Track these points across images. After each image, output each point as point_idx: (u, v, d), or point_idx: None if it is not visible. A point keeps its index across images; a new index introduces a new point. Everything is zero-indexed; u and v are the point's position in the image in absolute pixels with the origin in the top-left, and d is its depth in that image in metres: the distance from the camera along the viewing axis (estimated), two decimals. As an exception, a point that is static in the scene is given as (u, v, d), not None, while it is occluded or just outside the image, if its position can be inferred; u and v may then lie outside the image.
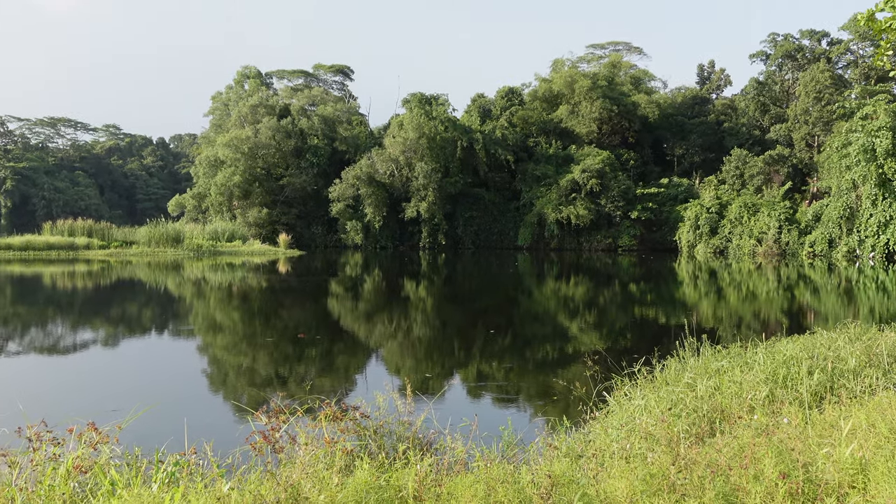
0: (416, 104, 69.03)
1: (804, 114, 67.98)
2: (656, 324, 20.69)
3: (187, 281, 33.70)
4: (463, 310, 24.76)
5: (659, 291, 31.83)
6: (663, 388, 8.13)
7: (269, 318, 22.14)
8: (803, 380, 7.54)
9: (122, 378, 13.44)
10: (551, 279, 37.70)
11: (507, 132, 70.98)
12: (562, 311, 24.31)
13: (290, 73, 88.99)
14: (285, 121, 70.80)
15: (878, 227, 49.75)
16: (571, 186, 65.29)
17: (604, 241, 66.21)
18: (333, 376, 13.59)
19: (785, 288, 32.54)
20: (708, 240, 59.90)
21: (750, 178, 64.96)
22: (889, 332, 10.90)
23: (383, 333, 19.20)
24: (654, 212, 65.56)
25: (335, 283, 34.04)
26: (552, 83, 76.18)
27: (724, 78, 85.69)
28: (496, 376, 13.45)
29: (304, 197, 69.51)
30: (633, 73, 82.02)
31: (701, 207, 61.19)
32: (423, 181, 64.19)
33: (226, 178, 65.86)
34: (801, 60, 74.02)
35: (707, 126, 74.75)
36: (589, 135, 72.66)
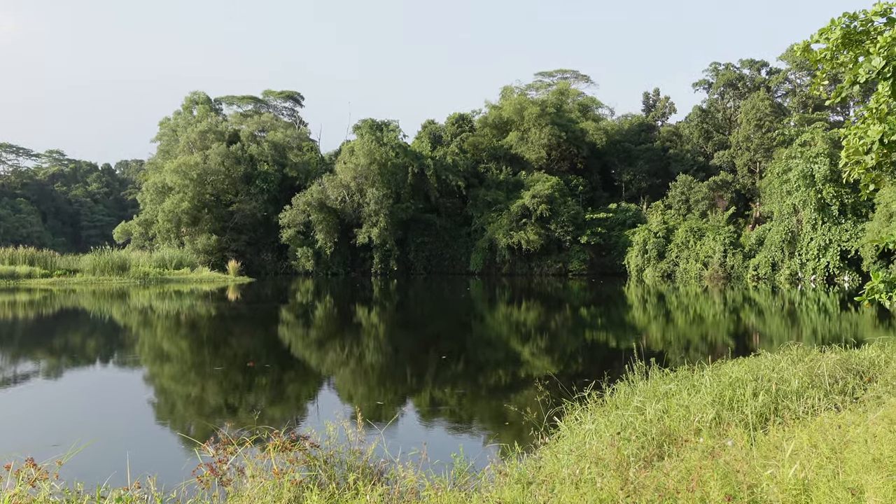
0: (367, 130, 69.13)
1: (746, 141, 69.87)
2: (606, 347, 20.90)
3: (133, 310, 32.98)
4: (415, 336, 24.69)
5: (609, 315, 32.18)
6: (613, 412, 8.21)
7: (217, 346, 21.76)
8: (748, 402, 7.68)
9: (64, 411, 13.04)
10: (503, 304, 37.85)
11: (457, 158, 71.49)
12: (514, 335, 24.40)
13: (240, 99, 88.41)
14: (235, 147, 70.17)
15: (818, 250, 51.22)
16: (522, 212, 65.89)
17: (554, 266, 66.82)
18: (284, 405, 13.40)
19: (731, 311, 33.20)
20: (656, 264, 60.87)
21: (695, 203, 66.38)
22: (830, 354, 11.18)
23: (335, 361, 19.02)
24: (603, 236, 66.45)
25: (286, 310, 33.65)
26: (502, 110, 77.06)
27: (668, 106, 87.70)
28: (449, 402, 13.41)
29: (254, 223, 68.81)
30: (581, 101, 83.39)
31: (648, 232, 62.23)
32: (375, 207, 64.14)
33: (174, 205, 64.87)
34: (742, 89, 76.23)
35: (653, 152, 76.27)
36: (538, 161, 73.55)
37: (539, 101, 76.25)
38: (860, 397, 8.23)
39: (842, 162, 14.21)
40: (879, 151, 13.28)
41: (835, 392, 8.64)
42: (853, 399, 8.24)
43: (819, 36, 14.91)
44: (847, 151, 13.99)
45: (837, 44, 14.51)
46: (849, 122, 15.50)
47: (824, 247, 51.05)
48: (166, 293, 42.05)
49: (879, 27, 13.96)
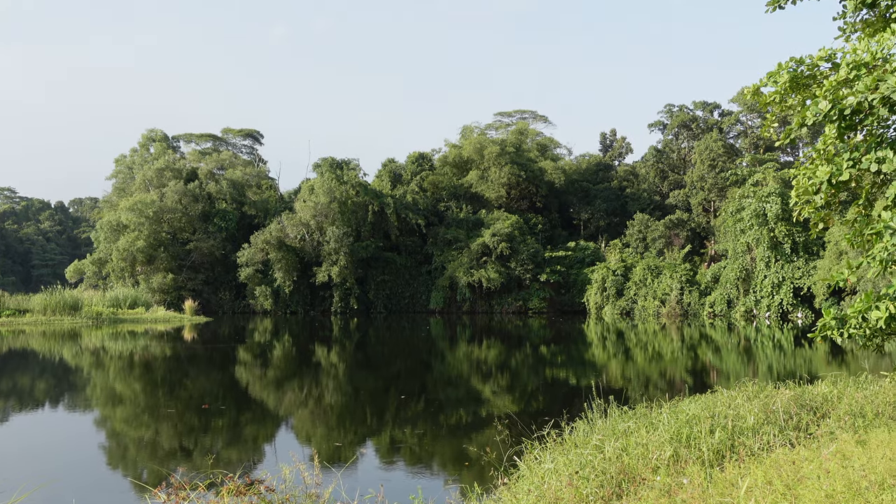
0: (327, 168, 69.14)
1: (700, 180, 71.41)
2: (567, 385, 20.96)
3: (85, 350, 32.20)
4: (375, 375, 24.49)
5: (569, 353, 32.32)
6: (572, 450, 8.21)
7: (172, 387, 21.32)
8: (705, 439, 7.76)
9: (10, 457, 12.61)
10: (464, 342, 37.79)
11: (417, 197, 71.82)
12: (474, 374, 24.35)
13: (198, 136, 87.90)
14: (192, 185, 69.56)
15: (772, 287, 52.25)
16: (482, 250, 66.21)
17: (514, 304, 67.05)
18: (240, 448, 13.14)
19: (688, 347, 33.59)
20: (615, 301, 61.47)
21: (652, 242, 67.43)
22: (784, 390, 11.36)
23: (293, 401, 18.75)
24: (563, 274, 66.98)
25: (243, 350, 33.16)
26: (462, 149, 77.80)
27: (625, 146, 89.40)
28: (408, 443, 13.29)
29: (212, 262, 67.98)
30: (540, 141, 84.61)
31: (607, 270, 62.92)
32: (335, 245, 63.90)
33: (129, 243, 63.78)
34: (696, 130, 78.12)
35: (611, 191, 77.48)
36: (498, 199, 74.19)
37: (498, 140, 77.17)
38: (814, 433, 8.36)
39: (792, 201, 14.65)
40: (828, 191, 13.68)
41: (789, 428, 8.77)
42: (807, 435, 8.37)
43: (768, 80, 15.42)
44: (797, 191, 14.39)
45: (785, 87, 15.01)
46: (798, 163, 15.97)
47: (778, 284, 52.10)
48: (120, 333, 41.18)
49: (825, 71, 14.48)
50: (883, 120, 12.78)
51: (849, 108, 12.15)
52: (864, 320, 12.83)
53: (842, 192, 14.39)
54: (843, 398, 10.63)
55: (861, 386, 12.18)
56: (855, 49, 12.76)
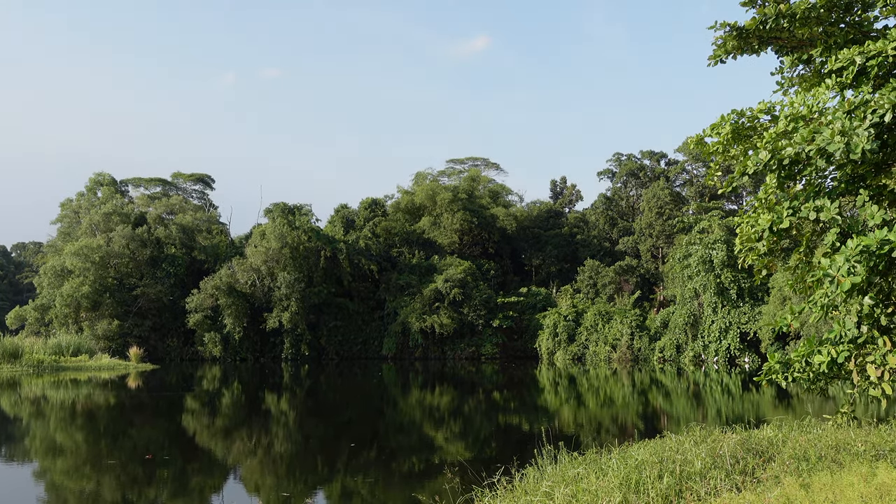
0: (278, 214, 68.79)
1: (648, 227, 72.83)
2: (519, 431, 20.91)
3: (24, 399, 31.09)
4: (326, 423, 24.11)
5: (521, 399, 32.30)
6: (522, 497, 8.18)
7: (116, 438, 20.67)
8: (654, 484, 7.80)
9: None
10: (416, 388, 37.52)
11: (370, 242, 71.78)
12: (427, 420, 24.15)
13: (147, 181, 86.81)
14: (141, 229, 68.44)
15: (719, 332, 53.16)
16: (435, 296, 66.20)
17: (467, 350, 66.96)
18: (185, 499, 12.77)
19: (639, 392, 33.85)
20: (566, 346, 61.82)
21: (602, 287, 68.24)
22: (731, 434, 11.51)
23: (241, 450, 18.33)
24: (515, 320, 67.25)
25: (190, 398, 32.39)
26: (414, 195, 78.27)
27: (575, 193, 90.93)
28: (359, 492, 13.07)
29: (160, 308, 66.62)
30: (492, 187, 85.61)
31: (559, 316, 63.38)
32: (286, 291, 63.27)
33: (73, 289, 62.17)
34: (644, 178, 79.94)
35: (561, 238, 78.48)
36: (451, 245, 74.56)
37: (451, 187, 77.88)
38: (759, 477, 8.47)
39: (737, 248, 15.03)
40: (770, 239, 14.10)
41: (736, 472, 8.87)
42: (753, 479, 8.47)
43: (711, 130, 15.92)
44: (741, 238, 14.80)
45: (728, 138, 15.53)
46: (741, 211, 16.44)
47: (725, 329, 53.03)
48: (62, 382, 39.91)
49: (765, 123, 15.03)
50: (820, 170, 13.28)
51: (787, 158, 12.62)
52: (807, 364, 13.15)
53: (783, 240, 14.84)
54: (787, 441, 10.80)
55: (805, 429, 12.41)
56: (792, 102, 13.30)
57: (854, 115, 11.23)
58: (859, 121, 10.96)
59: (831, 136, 10.95)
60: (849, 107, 11.35)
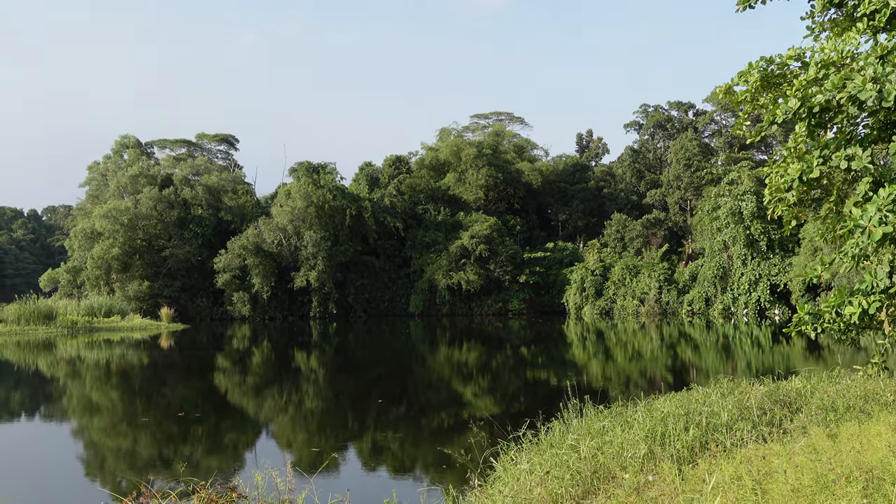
0: (303, 173, 68.90)
1: (676, 180, 71.99)
2: (546, 386, 21.05)
3: (60, 360, 31.85)
4: (355, 380, 24.44)
5: (549, 354, 32.45)
6: (548, 451, 8.27)
7: (150, 396, 21.16)
8: (680, 436, 7.85)
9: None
10: (444, 345, 37.82)
11: (395, 200, 71.78)
12: (455, 377, 24.38)
13: (172, 142, 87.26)
14: (167, 191, 69.05)
15: (749, 285, 52.76)
16: (461, 252, 66.29)
17: (494, 306, 67.18)
18: (217, 455, 13.08)
19: (667, 346, 33.85)
20: (594, 301, 61.81)
21: (630, 241, 67.86)
22: (758, 386, 11.50)
23: (272, 408, 18.69)
24: (542, 275, 67.23)
25: (221, 356, 32.97)
26: (439, 152, 77.89)
27: (601, 146, 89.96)
28: (387, 446, 13.30)
29: (188, 268, 67.47)
30: (517, 142, 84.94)
31: (586, 270, 63.26)
32: (313, 250, 63.68)
33: (103, 251, 63.15)
34: (671, 130, 78.78)
35: (588, 192, 77.90)
36: (476, 201, 74.35)
37: (475, 142, 77.36)
38: (786, 428, 8.47)
39: (766, 199, 14.80)
40: (799, 189, 13.85)
41: (763, 424, 8.88)
42: (780, 430, 8.48)
43: (739, 79, 15.58)
44: (770, 189, 14.56)
45: (756, 86, 15.18)
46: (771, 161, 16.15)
47: (754, 281, 52.62)
48: (95, 342, 40.77)
49: (795, 70, 14.66)
50: (852, 117, 12.97)
51: (818, 106, 12.33)
52: (838, 315, 13.01)
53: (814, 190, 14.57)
54: (815, 392, 10.78)
55: (834, 380, 12.36)
56: (823, 48, 12.94)
57: (887, 61, 10.92)
58: (892, 66, 10.66)
59: (863, 84, 10.67)
60: (881, 51, 11.03)
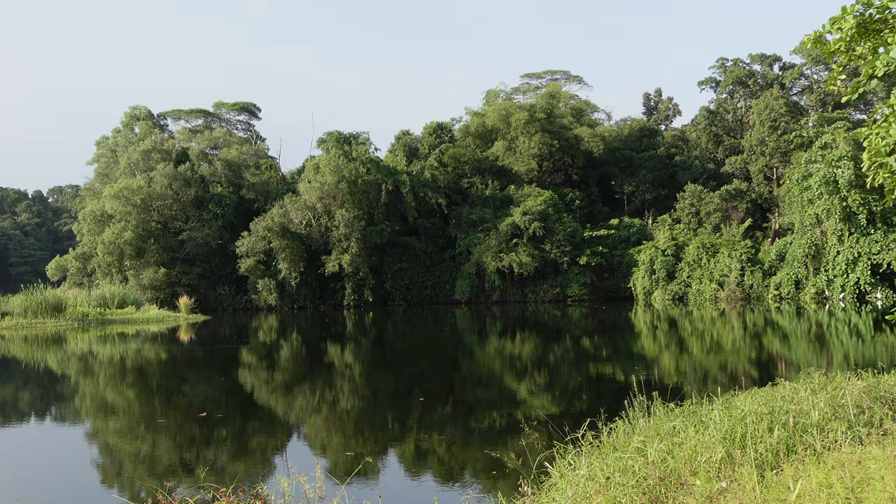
0: (333, 144, 69.30)
1: (760, 144, 70.68)
2: (612, 382, 21.02)
3: (72, 356, 32.77)
4: (394, 376, 24.69)
5: (614, 345, 32.34)
6: (611, 454, 8.29)
7: (169, 395, 21.68)
8: (763, 437, 7.79)
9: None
10: (494, 336, 37.91)
11: (437, 173, 71.79)
12: (507, 372, 24.46)
13: (188, 112, 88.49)
14: (183, 167, 70.06)
15: (846, 265, 51.69)
16: (512, 231, 66.15)
17: (551, 292, 67.00)
18: (240, 460, 13.37)
19: (751, 336, 33.45)
20: (665, 285, 61.26)
21: (706, 216, 66.94)
22: (855, 381, 11.32)
23: (303, 407, 18.99)
24: (605, 256, 66.78)
25: (246, 351, 33.55)
26: (485, 117, 77.55)
27: (672, 107, 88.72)
28: (432, 450, 13.44)
29: (208, 253, 68.55)
30: (574, 105, 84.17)
31: (656, 250, 62.66)
32: (345, 231, 64.11)
33: (115, 235, 64.41)
34: (753, 87, 77.23)
35: (657, 160, 76.96)
36: (529, 173, 73.98)
37: (527, 105, 76.85)
38: (888, 429, 8.36)
39: (865, 165, 14.47)
40: (904, 153, 13.53)
41: (860, 424, 8.76)
42: (880, 431, 8.37)
43: (831, 26, 15.21)
44: (869, 154, 14.22)
45: (852, 34, 14.79)
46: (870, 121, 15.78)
47: (853, 261, 51.53)
48: (108, 336, 41.81)
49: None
50: (964, 69, 12.60)
51: (925, 56, 12.00)
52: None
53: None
54: (923, 388, 10.60)
55: (946, 374, 12.12)
56: (931, -13, 12.57)
57: None
58: None
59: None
60: None
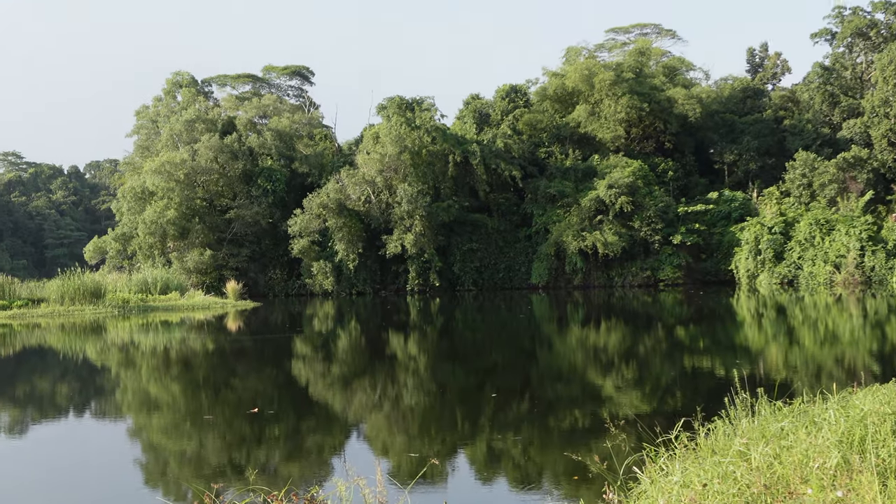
0: (394, 111, 69.55)
1: (884, 105, 68.65)
2: (710, 377, 20.78)
3: (112, 346, 33.67)
4: (464, 369, 24.80)
5: (713, 336, 31.95)
6: (708, 458, 8.21)
7: (216, 389, 22.15)
8: (886, 441, 7.63)
9: (30, 477, 13.36)
10: (576, 325, 37.78)
11: (511, 141, 71.47)
12: (590, 365, 24.38)
13: (234, 78, 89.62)
14: (230, 138, 71.02)
15: None
16: (596, 207, 65.65)
17: (640, 275, 66.41)
18: (293, 461, 13.59)
19: (872, 325, 32.71)
20: (772, 268, 60.26)
21: (821, 188, 65.45)
22: None
23: (361, 403, 19.21)
24: (703, 235, 65.90)
25: (300, 341, 34.04)
26: (565, 78, 76.95)
27: (780, 64, 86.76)
28: (507, 453, 13.48)
29: (258, 233, 69.49)
30: (667, 62, 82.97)
31: (761, 227, 61.60)
32: (408, 207, 64.33)
33: (156, 214, 65.64)
34: (876, 39, 74.95)
35: (763, 125, 75.47)
36: (615, 141, 73.25)
37: (613, 64, 76.04)
38: None
39: None
40: None
41: None
42: None
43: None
44: None
45: None
46: None
47: None
48: (151, 325, 42.81)
49: None
50: None
51: None
52: None
53: None
54: None
55: None
56: None
57: None
58: None
59: None
60: None
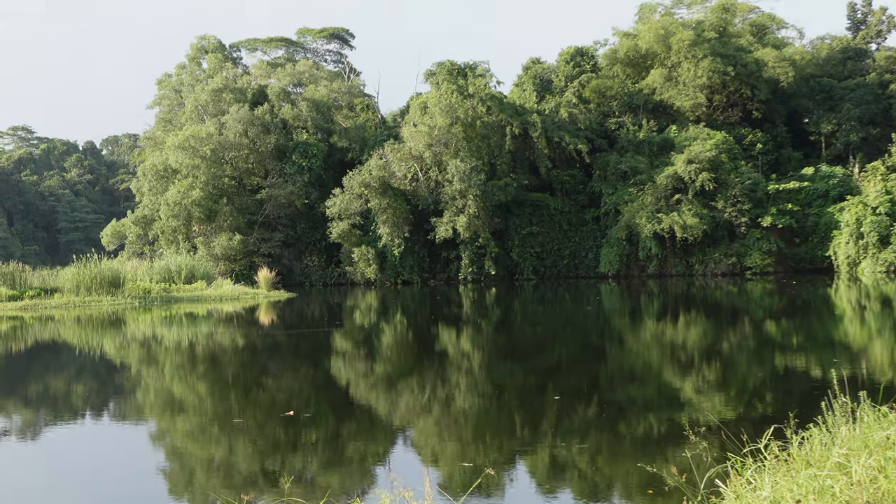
0: (444, 77, 69.50)
1: None
2: (804, 378, 20.54)
3: (132, 341, 34.11)
4: (524, 368, 24.76)
5: (808, 331, 31.58)
6: (802, 470, 8.12)
7: (247, 389, 22.34)
8: None
9: (43, 481, 13.59)
10: (650, 319, 37.55)
11: (576, 111, 71.13)
12: (667, 364, 24.22)
13: (266, 42, 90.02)
14: (261, 109, 71.38)
15: None
16: (673, 185, 65.17)
17: (724, 262, 65.88)
18: (333, 470, 13.67)
19: None
20: (877, 253, 59.43)
21: (934, 162, 64.47)
22: None
23: (408, 406, 19.26)
24: (796, 216, 65.15)
25: (340, 336, 34.22)
26: (638, 39, 76.39)
27: (886, 20, 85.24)
28: (571, 462, 13.45)
29: (292, 216, 69.85)
30: (755, 20, 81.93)
31: (864, 207, 60.74)
32: (460, 186, 64.26)
33: (180, 194, 66.01)
34: None
35: (866, 90, 74.32)
36: (695, 109, 72.59)
37: (692, 22, 75.32)
38: None
39: None
40: None
41: None
42: None
43: None
44: None
45: None
46: None
47: None
48: (175, 317, 43.27)
49: None
50: None
51: None
52: None
53: None
54: None
55: None
56: None
57: None
58: None
59: None
60: None
